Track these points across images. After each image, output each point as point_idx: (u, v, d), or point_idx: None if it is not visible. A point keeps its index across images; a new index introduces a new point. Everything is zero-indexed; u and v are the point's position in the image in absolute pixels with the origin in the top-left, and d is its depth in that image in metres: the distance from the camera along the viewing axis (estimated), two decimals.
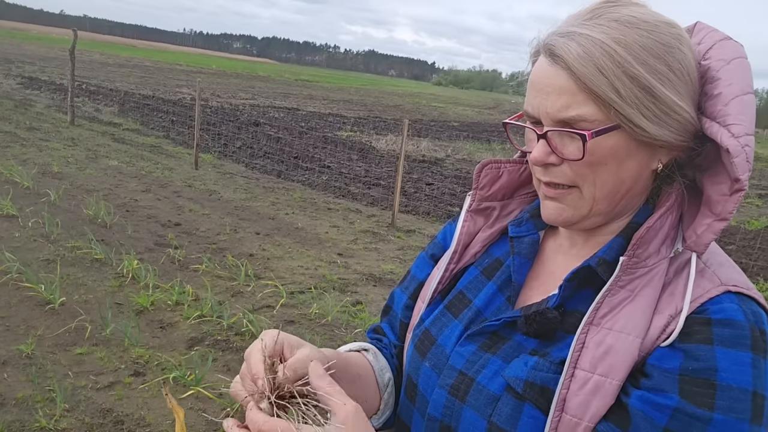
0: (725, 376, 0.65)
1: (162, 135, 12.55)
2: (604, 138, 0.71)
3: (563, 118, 0.71)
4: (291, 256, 5.85)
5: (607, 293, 0.72)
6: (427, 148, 14.46)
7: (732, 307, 0.68)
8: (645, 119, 0.70)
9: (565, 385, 0.70)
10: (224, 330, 4.06)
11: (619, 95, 0.68)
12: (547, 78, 0.72)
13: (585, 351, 0.70)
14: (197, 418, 3.11)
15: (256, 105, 21.10)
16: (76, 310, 4.04)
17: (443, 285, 0.92)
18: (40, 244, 5.20)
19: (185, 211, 6.96)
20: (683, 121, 0.72)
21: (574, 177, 0.74)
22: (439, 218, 8.30)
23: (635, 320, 0.70)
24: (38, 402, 3.06)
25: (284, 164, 10.77)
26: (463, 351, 0.82)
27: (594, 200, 0.75)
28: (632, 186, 0.76)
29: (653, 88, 0.69)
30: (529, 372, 0.74)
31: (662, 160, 0.75)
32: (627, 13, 0.71)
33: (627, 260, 0.72)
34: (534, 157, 0.75)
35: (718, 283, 0.71)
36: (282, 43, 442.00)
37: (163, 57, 64.61)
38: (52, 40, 65.52)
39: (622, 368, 0.69)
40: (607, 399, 0.69)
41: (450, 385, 0.81)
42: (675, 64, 0.70)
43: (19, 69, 23.77)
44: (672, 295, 0.71)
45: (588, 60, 0.68)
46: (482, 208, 0.92)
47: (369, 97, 37.29)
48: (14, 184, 6.91)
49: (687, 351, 0.67)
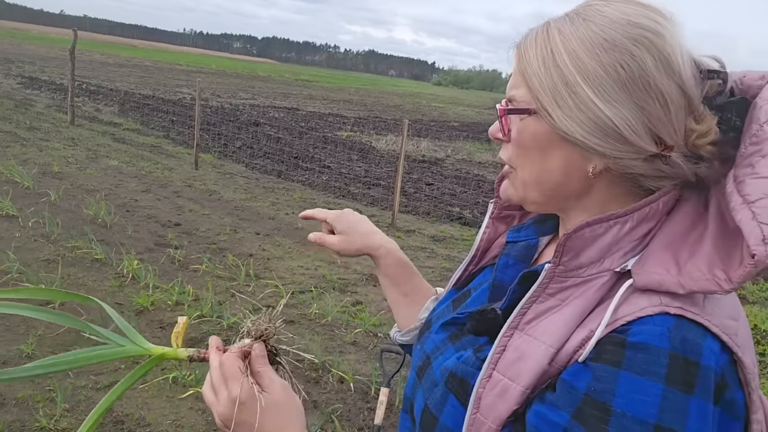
0: (621, 402, 0.60)
1: (162, 135, 12.55)
2: (528, 122, 0.73)
3: (507, 97, 0.76)
4: (291, 256, 5.85)
5: (534, 299, 0.71)
6: (427, 148, 14.46)
7: (656, 330, 0.61)
8: (559, 109, 0.69)
9: (482, 384, 0.70)
10: (224, 330, 4.07)
11: (539, 80, 0.70)
12: (515, 58, 0.77)
13: (504, 354, 0.70)
14: (197, 418, 3.12)
15: (256, 105, 21.10)
16: (76, 310, 4.04)
17: (460, 282, 0.97)
18: (41, 244, 5.21)
19: (185, 211, 6.96)
20: (602, 124, 0.67)
21: (510, 157, 0.77)
22: (439, 218, 8.30)
23: (553, 330, 0.68)
24: (38, 402, 3.06)
25: (284, 164, 10.77)
26: (435, 338, 0.87)
27: (525, 184, 0.76)
28: (562, 183, 0.73)
29: (572, 81, 0.68)
30: (456, 365, 0.76)
31: (596, 166, 0.70)
32: (599, 8, 0.70)
33: (552, 267, 0.70)
34: (490, 129, 0.80)
35: (657, 302, 0.63)
36: (282, 43, 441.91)
37: (163, 57, 64.61)
38: (52, 40, 65.51)
39: (528, 375, 0.67)
40: (510, 403, 0.68)
41: (418, 366, 0.86)
42: (610, 63, 0.66)
43: (19, 69, 23.77)
44: (604, 310, 0.66)
45: (531, 46, 0.72)
46: (503, 216, 0.95)
47: (369, 97, 37.29)
48: (14, 184, 6.91)
49: (594, 370, 0.63)
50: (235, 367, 0.78)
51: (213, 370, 0.80)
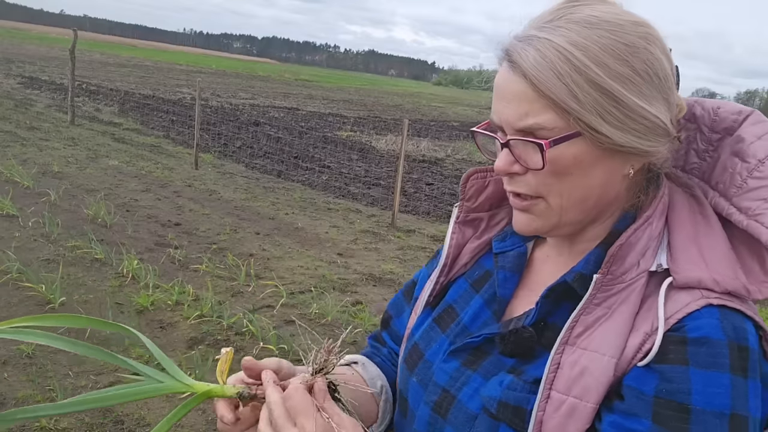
0: (699, 399, 0.62)
1: (162, 135, 12.55)
2: (566, 146, 0.67)
3: (522, 127, 0.68)
4: (291, 256, 5.85)
5: (581, 312, 0.69)
6: (427, 148, 14.46)
7: (711, 323, 0.64)
8: (607, 125, 0.66)
9: (541, 407, 0.68)
10: (224, 330, 4.07)
11: (577, 101, 0.65)
12: (507, 85, 0.69)
13: (560, 372, 0.68)
14: (197, 418, 3.12)
15: (256, 105, 21.11)
16: (77, 310, 4.05)
17: (433, 297, 0.91)
18: (41, 243, 5.21)
19: (185, 211, 6.96)
20: (651, 125, 0.68)
21: (538, 187, 0.71)
22: (439, 218, 8.30)
23: (610, 340, 0.67)
24: (39, 401, 3.06)
25: (284, 164, 10.77)
26: (446, 367, 0.81)
27: (562, 210, 0.72)
28: (603, 193, 0.72)
29: (615, 92, 0.65)
30: (503, 392, 0.72)
31: (634, 166, 0.71)
32: (589, 13, 0.68)
33: (601, 278, 0.69)
34: (497, 166, 0.72)
35: (698, 296, 0.66)
36: (282, 43, 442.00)
37: (163, 57, 64.61)
38: (52, 40, 65.52)
39: (597, 390, 0.66)
40: (583, 422, 0.66)
41: (434, 402, 0.80)
42: (640, 65, 0.67)
43: (19, 69, 23.78)
44: (649, 311, 0.68)
45: (545, 66, 0.65)
46: (470, 219, 0.90)
47: (369, 97, 37.29)
48: (14, 183, 6.91)
49: (662, 372, 0.64)
50: (306, 401, 0.71)
51: (274, 405, 0.71)
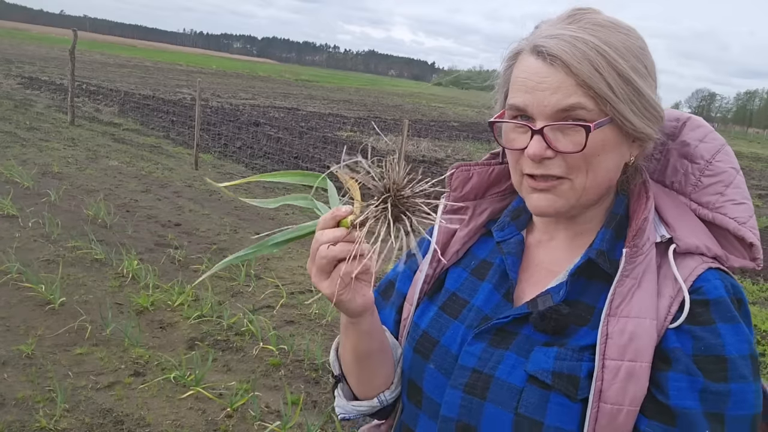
0: (731, 348, 0.73)
1: (162, 135, 12.55)
2: (599, 131, 0.76)
3: (563, 106, 0.75)
4: (291, 256, 5.85)
5: (617, 285, 0.77)
6: (427, 148, 14.47)
7: (719, 284, 0.77)
8: (633, 114, 0.76)
9: (599, 377, 0.74)
10: (224, 330, 4.07)
11: (612, 91, 0.74)
12: (543, 76, 0.76)
13: (610, 342, 0.75)
14: (197, 418, 3.12)
15: (256, 105, 21.11)
16: (77, 310, 4.04)
17: (429, 285, 0.96)
18: (41, 244, 5.21)
19: (185, 211, 6.96)
20: (657, 115, 0.80)
21: (568, 169, 0.78)
22: None
23: (647, 304, 0.76)
24: (38, 402, 3.06)
25: (284, 164, 10.77)
26: (472, 350, 0.84)
27: (584, 190, 0.80)
28: (614, 177, 0.82)
29: (637, 84, 0.76)
30: (555, 363, 0.78)
31: (633, 153, 0.83)
32: (603, 18, 0.79)
33: (629, 251, 0.78)
34: (531, 152, 0.77)
35: (699, 261, 0.79)
36: (282, 43, 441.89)
37: (163, 57, 64.60)
38: (52, 40, 65.52)
39: (647, 350, 0.74)
40: (642, 382, 0.74)
41: (464, 383, 0.83)
42: (649, 64, 0.79)
43: (19, 69, 23.77)
44: (666, 278, 0.78)
45: (583, 58, 0.74)
46: (457, 208, 0.96)
47: (369, 97, 37.28)
48: (14, 184, 6.91)
49: (694, 332, 0.74)
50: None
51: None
